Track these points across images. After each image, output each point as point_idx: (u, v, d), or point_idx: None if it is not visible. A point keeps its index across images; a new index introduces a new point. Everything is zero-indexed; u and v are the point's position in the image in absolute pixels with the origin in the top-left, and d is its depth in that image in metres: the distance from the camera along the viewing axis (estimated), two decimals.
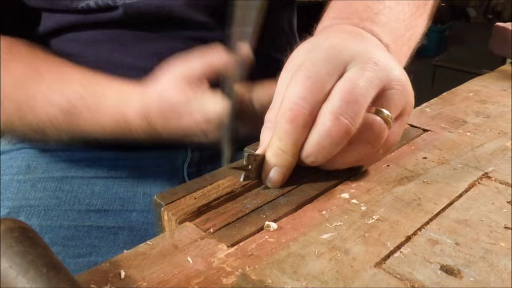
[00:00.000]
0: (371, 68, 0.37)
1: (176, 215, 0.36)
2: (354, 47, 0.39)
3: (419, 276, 0.30)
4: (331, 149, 0.37)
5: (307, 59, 0.39)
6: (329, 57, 0.38)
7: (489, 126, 0.52)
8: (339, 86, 0.37)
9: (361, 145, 0.38)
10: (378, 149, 0.40)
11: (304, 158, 0.38)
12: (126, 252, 0.32)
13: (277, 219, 0.36)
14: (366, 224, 0.35)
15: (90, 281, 0.29)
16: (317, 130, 0.37)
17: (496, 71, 0.72)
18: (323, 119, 0.37)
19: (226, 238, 0.33)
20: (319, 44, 0.40)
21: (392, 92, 0.38)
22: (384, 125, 0.38)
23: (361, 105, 0.37)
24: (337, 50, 0.38)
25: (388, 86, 0.38)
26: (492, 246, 0.33)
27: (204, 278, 0.30)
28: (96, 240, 0.59)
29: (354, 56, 0.38)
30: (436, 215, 0.36)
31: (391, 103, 0.39)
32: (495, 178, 0.41)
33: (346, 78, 0.37)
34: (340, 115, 0.36)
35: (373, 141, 0.38)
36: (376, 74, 0.37)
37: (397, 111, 0.40)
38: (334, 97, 0.37)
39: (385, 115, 0.38)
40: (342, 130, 0.36)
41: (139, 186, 0.64)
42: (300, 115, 0.37)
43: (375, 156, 0.41)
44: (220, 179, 0.40)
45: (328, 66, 0.38)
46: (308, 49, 0.40)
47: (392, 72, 0.38)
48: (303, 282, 0.29)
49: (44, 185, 0.61)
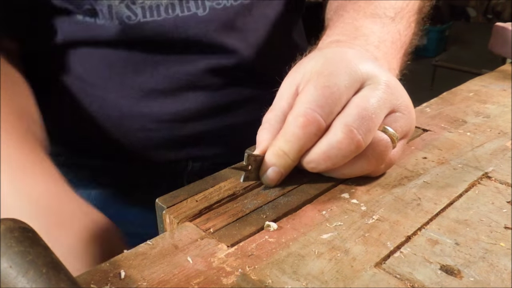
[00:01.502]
0: (385, 90, 0.38)
1: (178, 217, 0.36)
2: (370, 66, 0.39)
3: (419, 276, 0.30)
4: (337, 161, 0.37)
5: (326, 69, 0.38)
6: (348, 71, 0.38)
7: (489, 126, 0.52)
8: (355, 101, 0.37)
9: (365, 160, 0.38)
10: (380, 166, 0.40)
11: (306, 163, 0.38)
12: (126, 252, 0.32)
13: (277, 219, 0.36)
14: (366, 224, 0.35)
15: (90, 281, 0.29)
16: (327, 140, 0.37)
17: (496, 71, 0.72)
18: (336, 130, 0.36)
19: (226, 238, 0.33)
20: (337, 55, 0.40)
21: (400, 115, 0.40)
22: (390, 143, 0.39)
23: (374, 123, 0.37)
24: (356, 65, 0.39)
25: (397, 109, 0.39)
26: (492, 246, 0.33)
27: (204, 278, 0.30)
28: None
29: (370, 75, 0.39)
30: (436, 215, 0.36)
31: (397, 125, 0.39)
32: (495, 178, 0.41)
33: (363, 95, 0.38)
34: (355, 129, 0.36)
35: (378, 157, 0.38)
36: (388, 97, 0.38)
37: (402, 133, 0.40)
38: (350, 111, 0.37)
39: (391, 133, 0.39)
40: (354, 144, 0.36)
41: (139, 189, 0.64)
42: (314, 123, 0.36)
43: (376, 171, 0.41)
44: (221, 181, 0.40)
45: (347, 80, 0.38)
46: (325, 58, 0.40)
47: (401, 97, 0.40)
48: (303, 282, 0.29)
49: None
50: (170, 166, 0.65)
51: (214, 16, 0.58)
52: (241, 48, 0.61)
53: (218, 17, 0.58)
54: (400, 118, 0.40)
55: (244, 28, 0.61)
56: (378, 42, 0.48)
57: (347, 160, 0.38)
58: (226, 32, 0.59)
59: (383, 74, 0.39)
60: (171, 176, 0.65)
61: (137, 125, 0.60)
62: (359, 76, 0.38)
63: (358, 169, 0.39)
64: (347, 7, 0.54)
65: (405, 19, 0.53)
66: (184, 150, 0.63)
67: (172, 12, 0.56)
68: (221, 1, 0.58)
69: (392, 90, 0.39)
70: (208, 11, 0.57)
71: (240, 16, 0.60)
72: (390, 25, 0.51)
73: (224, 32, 0.59)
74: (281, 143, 0.38)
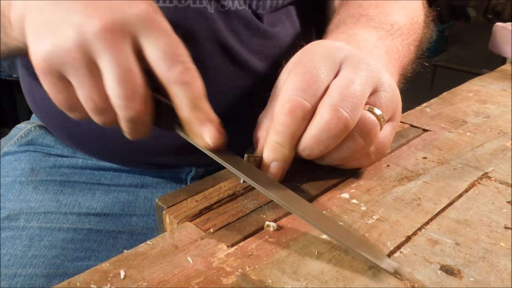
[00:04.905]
0: (365, 68, 0.39)
1: (178, 218, 0.36)
2: (348, 48, 0.41)
3: (419, 276, 0.30)
4: (329, 143, 0.37)
5: (303, 58, 0.40)
6: (325, 55, 0.39)
7: (489, 126, 0.52)
8: (337, 82, 0.38)
9: (353, 140, 0.38)
10: (369, 147, 0.40)
11: (301, 151, 0.39)
12: (126, 252, 0.32)
13: (277, 219, 0.36)
14: (366, 224, 0.35)
15: (90, 281, 0.29)
16: (316, 123, 0.37)
17: (496, 71, 0.72)
18: (322, 112, 0.37)
19: (226, 238, 0.33)
20: (315, 46, 0.41)
21: (384, 94, 0.40)
22: (376, 121, 0.39)
23: (359, 99, 0.37)
24: (332, 49, 0.40)
25: (380, 87, 0.40)
26: (492, 246, 0.33)
27: (204, 278, 0.30)
28: (95, 244, 0.59)
29: (347, 56, 0.40)
30: (436, 215, 0.36)
31: (382, 104, 0.40)
32: (495, 178, 0.41)
33: (343, 75, 0.38)
34: (340, 108, 0.36)
35: (365, 136, 0.38)
36: (369, 74, 0.39)
37: (388, 113, 0.40)
38: (333, 92, 0.37)
39: (377, 112, 0.39)
40: (342, 123, 0.36)
41: (141, 191, 0.64)
42: (299, 107, 0.37)
43: (367, 156, 0.41)
44: (221, 181, 0.40)
45: (325, 63, 0.39)
46: (303, 50, 0.42)
47: (383, 75, 0.40)
48: (303, 282, 0.29)
49: (46, 187, 0.61)
50: (173, 171, 0.65)
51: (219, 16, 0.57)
52: (250, 59, 0.60)
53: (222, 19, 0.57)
54: (385, 97, 0.40)
55: (253, 39, 0.60)
56: (372, 47, 0.48)
57: (338, 140, 0.38)
58: (233, 37, 0.59)
59: (361, 54, 0.40)
60: (173, 180, 0.66)
61: None
62: (336, 58, 0.39)
63: (348, 151, 0.39)
64: (347, 20, 0.54)
65: (403, 38, 0.54)
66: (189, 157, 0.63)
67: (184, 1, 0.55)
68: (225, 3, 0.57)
69: (372, 68, 0.39)
70: (214, 11, 0.57)
71: (248, 22, 0.59)
72: (387, 38, 0.51)
73: (231, 36, 0.58)
74: (274, 135, 0.38)
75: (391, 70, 0.49)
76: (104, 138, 0.60)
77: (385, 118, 0.40)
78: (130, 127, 0.38)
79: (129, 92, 0.35)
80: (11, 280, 0.53)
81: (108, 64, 0.34)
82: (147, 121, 0.38)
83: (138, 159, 0.63)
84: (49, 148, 0.65)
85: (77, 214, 0.60)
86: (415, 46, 0.57)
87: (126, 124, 0.37)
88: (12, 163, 0.64)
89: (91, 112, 0.37)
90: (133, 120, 0.37)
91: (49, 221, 0.58)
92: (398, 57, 0.51)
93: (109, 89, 0.35)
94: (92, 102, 0.36)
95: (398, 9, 0.58)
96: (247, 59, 0.59)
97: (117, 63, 0.34)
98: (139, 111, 0.36)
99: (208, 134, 0.37)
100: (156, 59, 0.36)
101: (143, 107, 0.36)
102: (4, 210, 0.59)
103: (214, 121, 0.38)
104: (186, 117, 0.37)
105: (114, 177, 0.64)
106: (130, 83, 0.35)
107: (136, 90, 0.35)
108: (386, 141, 0.41)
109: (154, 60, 0.36)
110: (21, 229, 0.57)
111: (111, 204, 0.62)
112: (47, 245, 0.56)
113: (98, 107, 0.36)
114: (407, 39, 0.54)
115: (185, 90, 0.36)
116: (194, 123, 0.37)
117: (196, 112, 0.37)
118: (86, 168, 0.64)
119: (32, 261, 0.54)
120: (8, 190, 0.61)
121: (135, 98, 0.35)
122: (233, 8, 0.57)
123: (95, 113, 0.37)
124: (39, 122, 0.68)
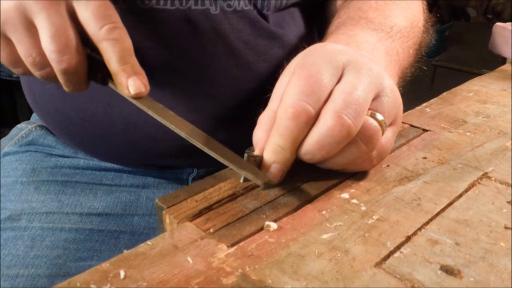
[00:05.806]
0: (367, 73, 0.39)
1: (178, 218, 0.36)
2: (350, 52, 0.41)
3: (419, 276, 0.30)
4: (331, 148, 0.37)
5: (306, 61, 0.39)
6: (328, 59, 0.39)
7: (489, 126, 0.52)
8: (340, 87, 0.38)
9: (355, 145, 0.38)
10: (371, 152, 0.40)
11: (302, 155, 0.39)
12: (126, 252, 0.32)
13: (277, 219, 0.36)
14: (366, 224, 0.35)
15: (90, 281, 0.29)
16: (318, 129, 0.37)
17: (496, 71, 0.72)
18: (326, 118, 0.37)
19: (226, 238, 0.33)
20: (317, 49, 0.41)
21: (386, 99, 0.40)
22: (378, 127, 0.39)
23: (362, 106, 0.37)
24: (335, 53, 0.40)
25: (382, 92, 0.40)
26: (492, 246, 0.33)
27: (204, 278, 0.30)
28: (98, 244, 0.59)
29: (350, 61, 0.39)
30: (436, 215, 0.36)
31: (384, 109, 0.39)
32: (495, 178, 0.41)
33: (346, 81, 0.38)
34: (344, 115, 0.36)
35: (368, 142, 0.38)
36: (372, 80, 0.39)
37: (390, 118, 0.40)
38: (337, 98, 0.37)
39: (379, 118, 0.39)
40: (345, 130, 0.36)
41: (143, 191, 0.64)
42: (304, 112, 0.37)
43: (369, 160, 0.41)
44: (221, 182, 0.40)
45: (328, 67, 0.38)
46: (305, 53, 0.41)
47: (385, 80, 0.40)
48: (303, 282, 0.29)
49: (48, 188, 0.61)
50: (174, 172, 0.65)
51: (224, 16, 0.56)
52: (254, 60, 0.59)
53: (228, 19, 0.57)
54: (387, 102, 0.40)
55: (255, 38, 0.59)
56: (372, 49, 0.48)
57: (340, 146, 0.38)
58: (238, 38, 0.58)
59: (363, 59, 0.40)
60: (175, 181, 0.65)
61: (143, 133, 0.59)
62: (339, 63, 0.39)
63: (350, 156, 0.39)
64: (347, 22, 0.54)
65: (403, 40, 0.54)
66: (190, 159, 0.63)
67: (186, 3, 0.55)
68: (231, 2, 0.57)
69: (374, 73, 0.39)
70: (219, 11, 0.56)
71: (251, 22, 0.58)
72: (387, 40, 0.51)
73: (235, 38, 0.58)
74: (276, 138, 0.38)
75: (391, 72, 0.49)
76: (105, 139, 0.60)
77: (387, 123, 0.40)
78: (65, 79, 0.43)
79: (61, 46, 0.40)
80: (13, 280, 0.53)
81: (43, 22, 0.39)
82: (80, 74, 0.43)
83: (139, 160, 0.63)
84: (50, 149, 0.65)
85: (79, 214, 0.60)
86: (414, 49, 0.57)
87: (61, 76, 0.42)
88: (13, 163, 0.64)
89: (31, 66, 0.42)
90: (66, 72, 0.42)
91: (51, 221, 0.58)
92: (397, 59, 0.51)
93: (44, 45, 0.40)
94: (31, 57, 0.41)
95: (398, 12, 0.58)
96: (251, 60, 0.58)
97: (50, 21, 0.39)
98: (71, 64, 0.41)
99: (132, 85, 0.41)
100: (87, 19, 0.41)
101: (74, 61, 0.41)
102: (5, 211, 0.59)
103: (139, 73, 0.42)
104: (114, 70, 0.41)
105: (116, 177, 0.64)
106: (62, 39, 0.40)
107: (68, 45, 0.40)
108: (388, 145, 0.41)
109: (85, 21, 0.41)
110: (23, 229, 0.57)
111: (113, 204, 0.62)
112: (49, 245, 0.56)
113: (36, 62, 0.42)
114: (406, 42, 0.55)
115: (113, 46, 0.41)
116: (121, 75, 0.41)
117: (123, 66, 0.41)
118: (87, 169, 0.64)
119: (34, 261, 0.54)
120: (9, 191, 0.61)
121: (67, 52, 0.40)
122: (238, 8, 0.57)
123: (34, 67, 0.42)
124: (39, 122, 0.68)
